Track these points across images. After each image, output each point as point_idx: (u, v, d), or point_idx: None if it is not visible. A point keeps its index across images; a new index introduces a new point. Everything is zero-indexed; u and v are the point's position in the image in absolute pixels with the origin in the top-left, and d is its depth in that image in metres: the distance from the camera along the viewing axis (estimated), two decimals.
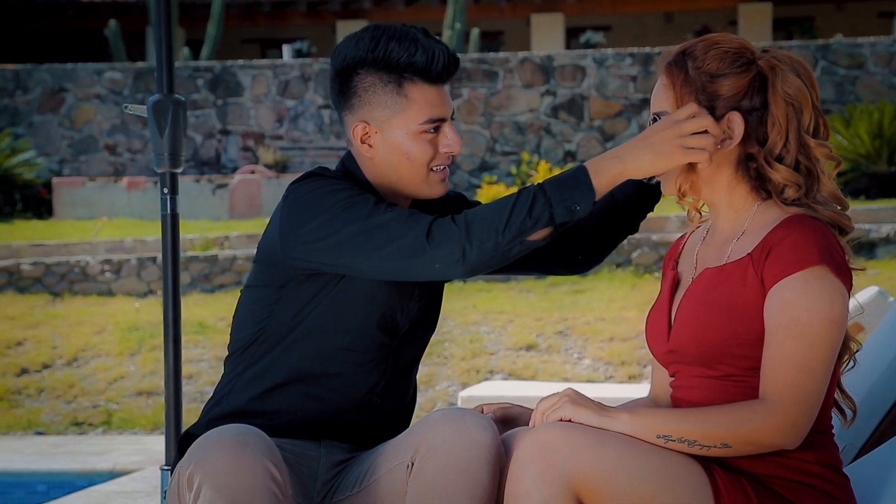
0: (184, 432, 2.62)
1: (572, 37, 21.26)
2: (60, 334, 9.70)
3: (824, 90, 14.54)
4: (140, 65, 16.23)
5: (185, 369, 8.74)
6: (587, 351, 8.85)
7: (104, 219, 13.75)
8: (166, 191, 3.23)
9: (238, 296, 2.66)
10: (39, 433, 8.29)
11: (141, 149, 15.88)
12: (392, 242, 2.40)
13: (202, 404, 7.88)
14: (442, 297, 2.72)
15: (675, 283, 2.46)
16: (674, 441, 2.23)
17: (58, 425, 8.38)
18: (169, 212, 3.24)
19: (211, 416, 2.59)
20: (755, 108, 2.35)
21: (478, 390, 5.91)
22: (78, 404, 8.65)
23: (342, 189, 2.50)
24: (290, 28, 21.95)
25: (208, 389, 8.52)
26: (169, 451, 3.17)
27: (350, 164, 2.63)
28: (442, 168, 2.59)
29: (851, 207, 2.43)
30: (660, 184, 2.64)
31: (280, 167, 15.21)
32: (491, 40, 21.08)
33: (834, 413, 2.41)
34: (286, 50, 18.61)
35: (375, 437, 2.59)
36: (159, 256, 10.82)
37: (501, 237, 2.35)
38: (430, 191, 2.60)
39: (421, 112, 2.54)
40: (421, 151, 2.55)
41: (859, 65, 14.79)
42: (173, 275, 3.22)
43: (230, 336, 2.66)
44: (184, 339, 7.44)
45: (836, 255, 2.27)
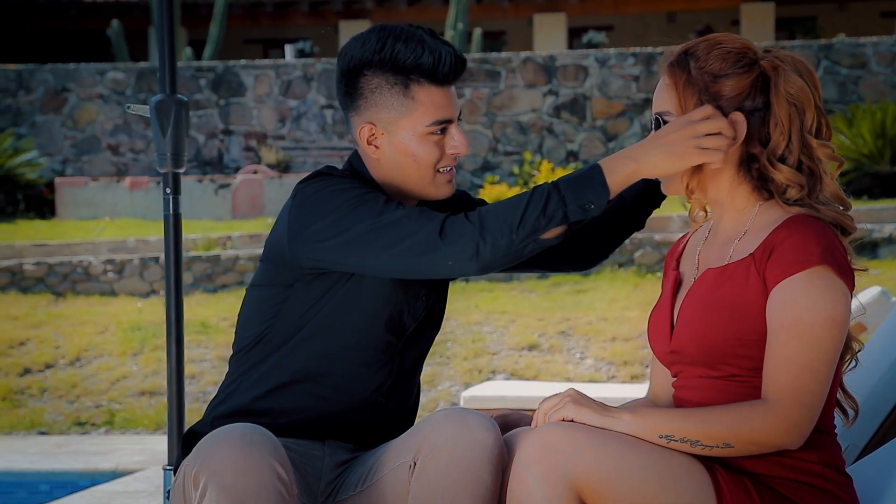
0: (188, 430, 2.62)
1: (574, 37, 21.25)
2: (63, 334, 9.71)
3: (827, 90, 14.53)
4: (143, 65, 16.24)
5: (188, 369, 8.74)
6: (589, 351, 8.84)
7: (107, 219, 13.76)
8: (169, 191, 3.23)
9: (241, 295, 2.66)
10: (42, 433, 8.29)
11: (143, 149, 15.88)
12: (404, 240, 2.39)
13: (205, 404, 7.88)
14: (447, 297, 2.72)
15: (676, 284, 2.46)
16: (676, 441, 2.23)
17: (60, 425, 8.38)
18: (171, 212, 3.23)
19: (216, 415, 2.59)
20: (758, 108, 2.35)
21: (480, 390, 5.90)
22: (80, 404, 8.65)
23: (351, 188, 2.49)
24: (293, 28, 21.95)
25: (211, 389, 8.52)
26: (171, 450, 3.16)
27: (357, 164, 2.62)
28: (448, 169, 2.58)
29: (854, 207, 2.43)
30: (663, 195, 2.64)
31: (282, 167, 15.21)
32: (493, 40, 21.08)
33: (836, 413, 2.41)
34: (288, 50, 18.63)
35: (379, 437, 2.59)
36: (162, 256, 10.83)
37: (515, 235, 2.35)
38: (437, 192, 2.59)
39: (427, 114, 2.53)
40: (427, 153, 2.55)
41: (862, 65, 14.78)
42: (176, 275, 3.22)
43: (235, 334, 2.66)
44: (186, 339, 7.45)
45: (839, 255, 2.26)
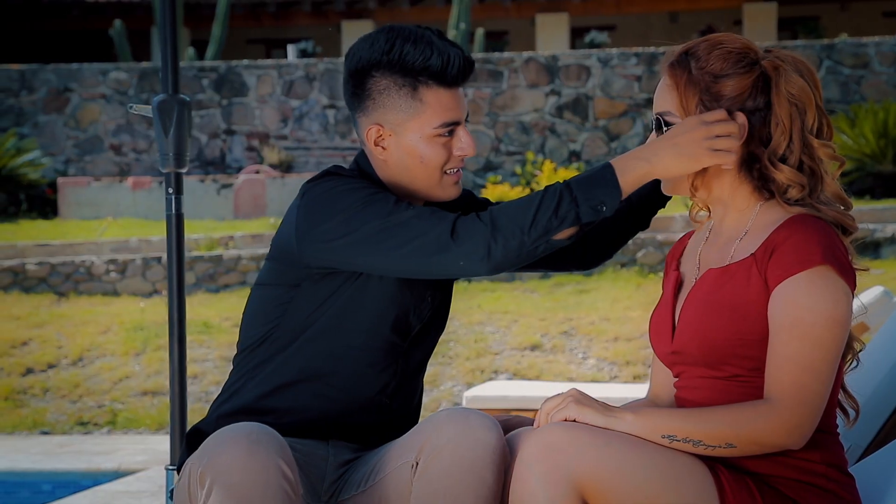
0: (192, 427, 2.62)
1: (577, 37, 21.25)
2: (65, 334, 9.71)
3: (829, 90, 14.53)
4: (145, 65, 16.25)
5: (190, 369, 8.74)
6: (592, 351, 8.84)
7: (109, 219, 13.76)
8: (171, 191, 3.23)
9: (243, 295, 2.66)
10: (45, 433, 8.29)
11: (146, 149, 15.89)
12: (414, 240, 2.39)
13: (207, 404, 7.89)
14: (451, 298, 2.71)
15: (678, 284, 2.46)
16: (678, 441, 2.23)
17: (63, 425, 8.39)
18: (174, 212, 3.23)
19: (220, 413, 2.59)
20: (759, 108, 2.35)
21: (482, 390, 5.90)
22: (83, 404, 8.65)
23: (360, 188, 2.49)
24: (295, 28, 21.95)
25: (213, 389, 8.52)
26: (174, 450, 3.16)
27: (364, 164, 2.62)
28: (455, 171, 2.58)
29: (856, 207, 2.43)
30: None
31: (285, 167, 15.22)
32: (496, 40, 21.07)
33: (837, 413, 2.41)
34: (291, 50, 18.64)
35: (383, 437, 2.59)
36: (164, 256, 10.82)
37: (527, 236, 2.34)
38: (444, 193, 2.59)
39: (436, 116, 2.53)
40: (435, 155, 2.54)
41: (864, 64, 14.78)
42: (178, 275, 3.22)
43: (240, 333, 2.66)
44: (189, 338, 7.45)
45: (840, 255, 2.26)
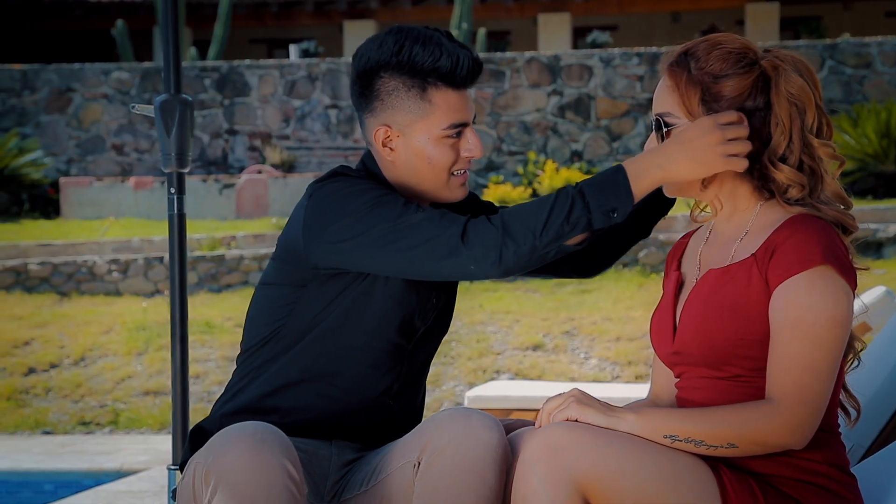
0: (196, 425, 2.61)
1: (579, 36, 21.24)
2: (68, 334, 9.71)
3: (832, 90, 14.52)
4: (147, 65, 16.25)
5: (192, 369, 8.74)
6: (594, 351, 8.84)
7: (111, 219, 13.77)
8: (173, 190, 3.23)
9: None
10: (47, 433, 8.30)
11: (148, 149, 15.90)
12: (425, 243, 2.39)
13: (209, 404, 7.88)
14: (455, 300, 2.71)
15: (678, 284, 2.46)
16: (680, 441, 2.23)
17: (65, 425, 8.39)
18: (176, 212, 3.23)
19: (224, 412, 2.59)
20: (759, 108, 2.35)
21: (484, 390, 5.89)
22: (85, 404, 8.66)
23: (369, 189, 2.48)
24: (297, 28, 21.96)
25: (215, 389, 8.52)
26: (176, 450, 3.16)
27: (371, 165, 2.61)
28: (462, 172, 2.58)
29: (858, 207, 2.43)
30: (671, 202, 2.63)
31: (287, 167, 15.22)
32: (498, 40, 21.07)
33: (839, 412, 2.41)
34: (293, 50, 18.65)
35: (385, 437, 2.59)
36: (166, 256, 10.83)
37: (538, 241, 2.34)
38: (451, 195, 2.59)
39: (444, 117, 2.53)
40: (443, 156, 2.54)
41: (867, 64, 14.77)
42: (180, 274, 3.22)
43: (244, 332, 2.65)
44: (191, 338, 7.44)
45: (840, 254, 2.26)
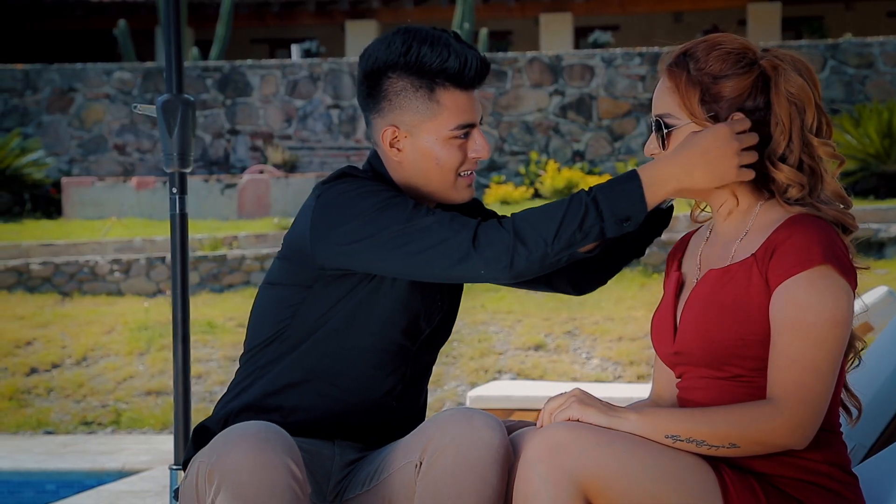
0: (199, 424, 2.61)
1: (581, 36, 21.24)
2: (69, 334, 9.72)
3: (833, 90, 14.51)
4: (149, 65, 16.26)
5: (194, 369, 8.75)
6: (596, 351, 8.84)
7: (113, 219, 13.77)
8: (175, 190, 3.23)
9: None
10: (49, 433, 8.30)
11: (150, 149, 15.90)
12: (435, 246, 2.38)
13: (211, 404, 7.88)
14: (460, 302, 2.71)
15: (679, 284, 2.46)
16: (682, 441, 2.23)
17: (67, 425, 8.39)
18: (178, 211, 3.23)
19: (227, 411, 2.59)
20: (758, 108, 2.34)
21: (486, 390, 5.90)
22: (87, 404, 8.66)
23: (378, 191, 2.48)
24: (299, 28, 21.96)
25: (217, 389, 8.53)
26: (178, 450, 3.16)
27: (377, 166, 2.61)
28: (469, 173, 2.58)
29: (860, 207, 2.43)
30: (671, 208, 2.63)
31: (289, 167, 15.22)
32: (499, 40, 21.07)
33: (840, 412, 2.41)
34: (295, 50, 18.64)
35: (388, 437, 2.59)
36: (168, 256, 10.84)
37: (550, 248, 2.34)
38: (457, 196, 2.58)
39: (452, 118, 2.53)
40: (450, 157, 2.54)
41: (868, 64, 14.76)
42: (182, 274, 3.22)
43: (248, 331, 2.65)
44: (192, 338, 7.45)
45: (840, 254, 2.26)
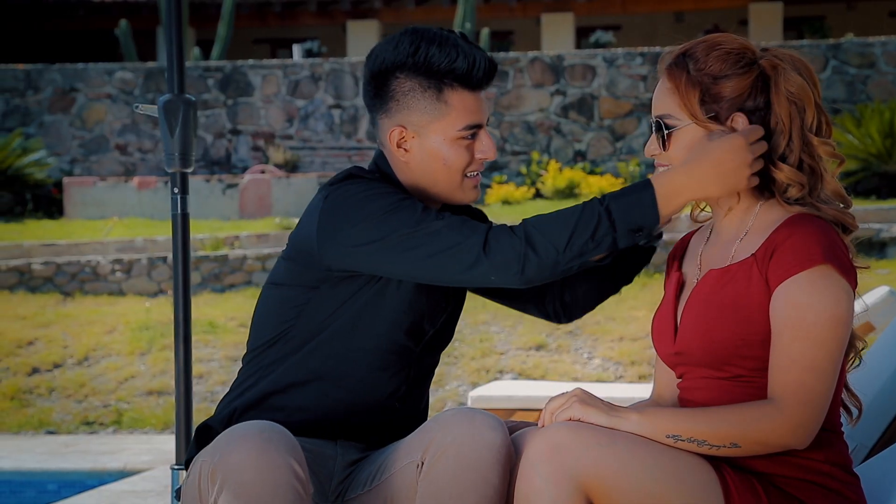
0: (202, 423, 2.62)
1: (582, 36, 21.25)
2: (71, 334, 9.72)
3: (835, 89, 14.51)
4: (151, 65, 16.26)
5: (196, 369, 8.75)
6: (597, 351, 8.84)
7: (115, 218, 13.77)
8: (177, 190, 3.23)
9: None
10: (50, 432, 8.30)
11: (151, 149, 15.91)
12: (445, 250, 2.38)
13: (213, 404, 7.89)
14: (464, 304, 2.71)
15: (679, 285, 2.46)
16: (683, 441, 2.23)
17: (68, 425, 8.39)
18: (179, 211, 3.23)
19: (230, 410, 2.59)
20: (758, 108, 2.34)
21: (487, 390, 5.89)
22: (88, 404, 8.66)
23: (387, 193, 2.47)
24: (301, 28, 21.97)
25: (219, 389, 8.53)
26: (179, 450, 3.16)
27: (384, 166, 2.61)
28: (475, 174, 2.58)
29: (862, 207, 2.43)
30: (654, 248, 2.64)
31: (290, 167, 15.22)
32: (501, 40, 21.08)
33: (841, 412, 2.40)
34: (296, 50, 18.66)
35: (390, 438, 2.59)
36: (170, 256, 10.84)
37: (562, 256, 2.34)
38: (464, 196, 2.59)
39: (460, 118, 2.53)
40: (458, 157, 2.54)
41: (870, 64, 14.76)
42: (184, 274, 3.22)
43: (251, 331, 2.65)
44: (194, 338, 7.45)
45: (840, 254, 2.26)
